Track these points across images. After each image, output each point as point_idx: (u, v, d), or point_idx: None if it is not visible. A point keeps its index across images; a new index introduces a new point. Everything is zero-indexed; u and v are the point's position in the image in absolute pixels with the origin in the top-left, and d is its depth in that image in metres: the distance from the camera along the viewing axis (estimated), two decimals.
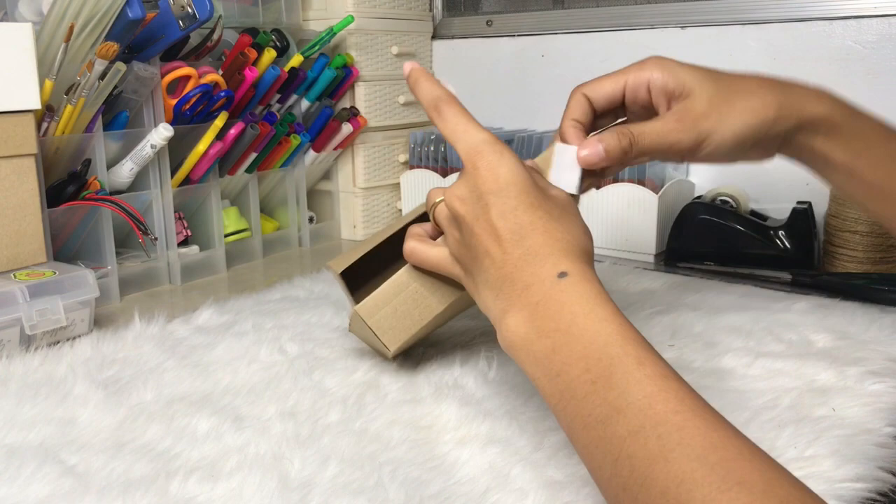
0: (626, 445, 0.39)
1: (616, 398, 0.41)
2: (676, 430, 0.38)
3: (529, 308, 0.47)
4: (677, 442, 0.38)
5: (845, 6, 0.96)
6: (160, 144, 0.86)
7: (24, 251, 0.75)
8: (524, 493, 0.45)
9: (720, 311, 0.74)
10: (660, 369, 0.41)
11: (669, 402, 0.39)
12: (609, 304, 0.45)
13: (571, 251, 0.48)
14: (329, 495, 0.45)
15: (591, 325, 0.44)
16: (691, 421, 0.38)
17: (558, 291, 0.46)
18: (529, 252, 0.48)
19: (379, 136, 1.18)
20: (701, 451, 0.37)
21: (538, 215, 0.49)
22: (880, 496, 0.46)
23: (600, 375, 0.42)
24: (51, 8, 0.79)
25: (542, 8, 1.21)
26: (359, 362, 0.65)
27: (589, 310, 0.45)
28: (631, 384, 0.41)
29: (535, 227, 0.49)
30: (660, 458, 0.38)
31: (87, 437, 0.53)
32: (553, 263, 0.47)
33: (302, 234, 1.12)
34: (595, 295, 0.46)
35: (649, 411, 0.39)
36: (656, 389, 0.40)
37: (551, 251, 0.48)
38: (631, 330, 0.44)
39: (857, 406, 0.54)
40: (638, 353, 0.42)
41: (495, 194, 0.50)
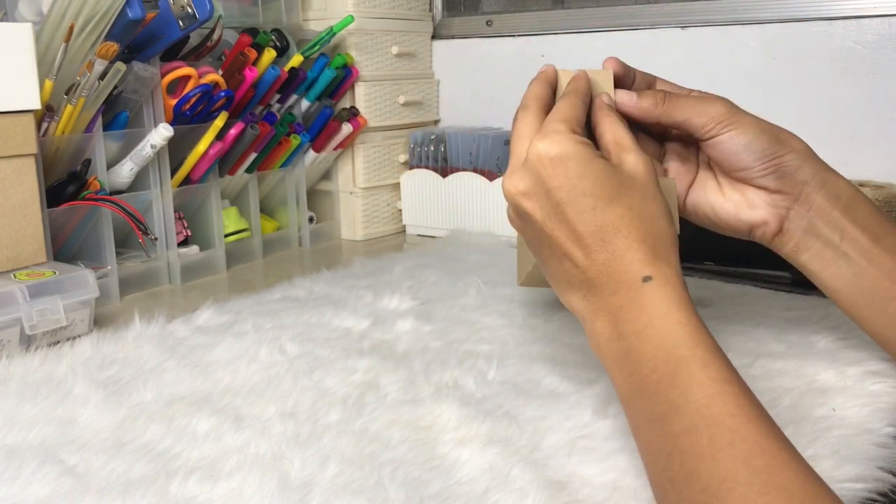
0: (680, 442, 0.40)
1: (677, 397, 0.42)
2: (728, 432, 0.39)
3: (614, 312, 0.47)
4: (727, 443, 0.39)
5: (845, 6, 0.96)
6: (160, 144, 0.86)
7: (24, 251, 0.75)
8: (524, 493, 0.45)
9: (720, 311, 0.74)
10: (724, 374, 0.42)
11: (727, 405, 0.40)
12: (687, 307, 0.46)
13: (656, 251, 0.47)
14: (329, 495, 0.45)
15: (665, 328, 0.44)
16: (745, 425, 0.39)
17: (640, 294, 0.46)
18: (614, 257, 0.47)
19: (379, 136, 1.18)
20: (748, 455, 0.38)
21: (619, 213, 0.47)
22: (880, 496, 0.46)
23: (665, 375, 0.43)
24: (51, 8, 0.79)
25: (542, 8, 1.21)
26: (359, 362, 0.65)
27: (665, 312, 0.45)
28: (693, 385, 0.41)
29: (617, 228, 0.47)
30: (708, 456, 0.39)
31: (87, 437, 0.53)
32: (638, 269, 0.47)
33: (302, 234, 1.12)
34: (675, 298, 0.46)
35: (706, 411, 0.40)
36: (716, 391, 0.41)
37: (636, 255, 0.47)
38: (704, 334, 0.44)
39: (857, 406, 0.54)
40: (705, 356, 0.43)
41: (567, 191, 0.47)
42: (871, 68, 0.95)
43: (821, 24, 0.98)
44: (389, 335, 0.71)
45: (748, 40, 1.03)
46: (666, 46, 1.09)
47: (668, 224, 0.49)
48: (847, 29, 0.96)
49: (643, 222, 0.48)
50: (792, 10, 0.99)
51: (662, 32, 1.09)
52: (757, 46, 1.02)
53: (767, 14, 1.01)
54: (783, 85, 1.01)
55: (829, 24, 0.97)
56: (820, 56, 0.98)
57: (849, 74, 0.97)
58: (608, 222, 0.47)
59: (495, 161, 1.11)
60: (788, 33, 1.00)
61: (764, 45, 1.02)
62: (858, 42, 0.96)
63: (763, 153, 0.56)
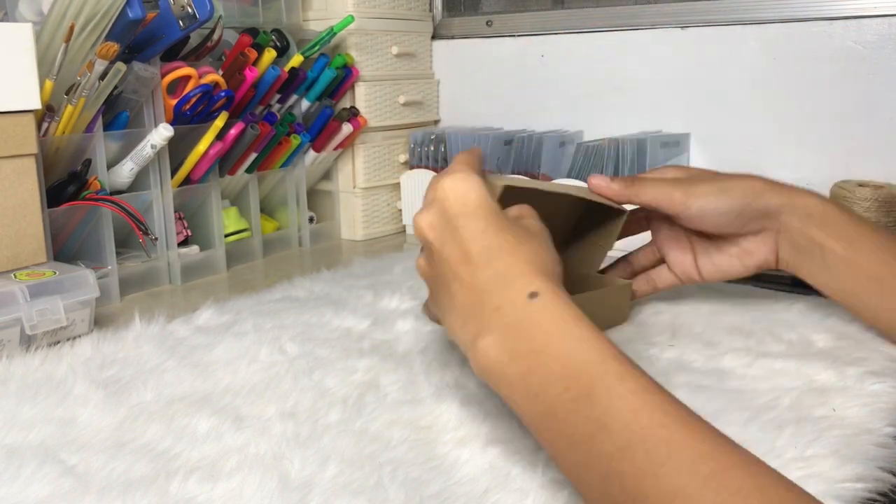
0: (615, 462, 0.39)
1: (600, 415, 0.40)
2: (664, 444, 0.38)
3: (501, 330, 0.46)
4: (666, 456, 0.37)
5: (845, 6, 0.96)
6: (160, 144, 0.86)
7: (24, 251, 0.75)
8: (524, 493, 0.45)
9: (720, 311, 0.74)
10: (642, 383, 0.41)
11: (655, 416, 0.39)
12: (584, 321, 0.45)
13: (541, 272, 0.48)
14: (329, 495, 0.45)
15: (568, 344, 0.44)
16: (678, 433, 0.38)
17: (531, 312, 0.46)
18: (499, 273, 0.48)
19: (379, 136, 1.18)
20: (691, 465, 0.37)
21: (507, 238, 0.49)
22: (880, 496, 0.46)
23: (581, 393, 0.41)
24: (51, 8, 0.79)
25: (542, 8, 1.21)
26: (358, 362, 0.65)
27: (564, 328, 0.44)
28: (614, 400, 0.40)
29: (503, 248, 0.48)
30: (649, 474, 0.37)
31: (87, 437, 0.53)
32: (523, 284, 0.47)
33: (302, 234, 1.12)
34: (569, 313, 0.45)
35: (635, 426, 0.39)
36: (640, 404, 0.40)
37: (521, 272, 0.47)
38: (610, 346, 0.43)
39: (857, 406, 0.54)
40: (618, 369, 0.42)
41: (465, 217, 0.50)
42: (871, 68, 0.95)
43: (821, 24, 0.98)
44: (389, 335, 0.71)
45: (748, 40, 1.03)
46: (666, 46, 1.09)
47: (554, 260, 0.50)
48: (847, 29, 0.96)
49: (530, 247, 0.49)
50: (792, 10, 0.99)
51: (662, 32, 1.09)
52: (757, 46, 1.02)
53: (767, 14, 1.01)
54: (783, 85, 1.01)
55: (829, 24, 0.97)
56: (820, 56, 0.98)
57: (849, 74, 0.97)
58: (496, 244, 0.49)
59: (495, 161, 1.11)
60: (788, 33, 1.00)
61: (764, 45, 1.02)
62: (858, 42, 0.96)
63: (731, 211, 0.63)
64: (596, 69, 1.16)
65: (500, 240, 0.49)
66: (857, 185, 0.90)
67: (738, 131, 1.05)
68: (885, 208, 0.87)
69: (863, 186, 0.90)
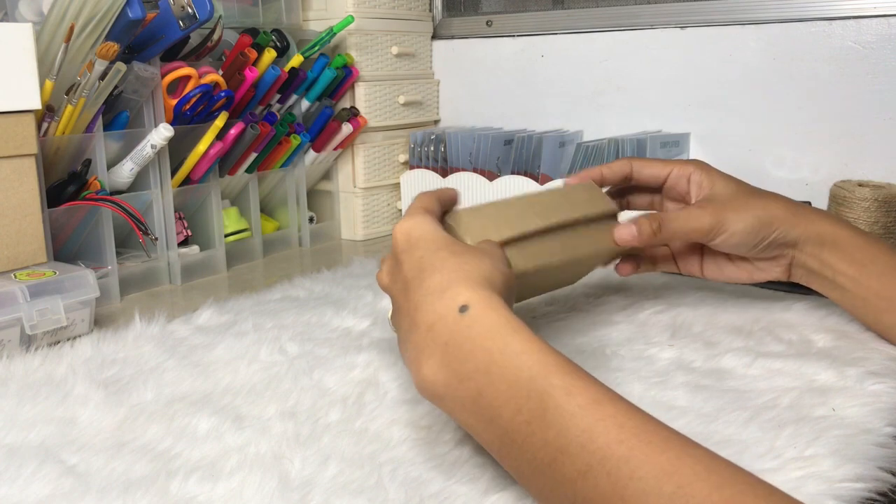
0: (579, 487, 0.38)
1: (555, 437, 0.39)
2: (624, 463, 0.37)
3: (440, 349, 0.45)
4: (628, 476, 0.37)
5: (845, 6, 0.96)
6: (160, 144, 0.86)
7: (25, 251, 0.75)
8: (524, 493, 0.45)
9: (720, 311, 0.74)
10: (591, 395, 0.40)
11: (610, 432, 0.38)
12: (521, 331, 0.44)
13: (470, 280, 0.47)
14: (329, 495, 0.45)
15: (510, 361, 0.42)
16: (637, 448, 0.37)
17: (464, 327, 0.44)
18: (428, 291, 0.47)
19: (379, 136, 1.18)
20: (654, 483, 0.36)
21: (440, 255, 0.49)
22: (880, 496, 0.46)
23: (534, 415, 0.40)
24: (51, 8, 0.79)
25: (542, 8, 1.21)
26: (358, 362, 0.65)
27: (503, 344, 0.43)
28: (566, 419, 0.39)
29: (434, 266, 0.48)
30: (615, 497, 0.37)
31: (88, 437, 0.53)
32: (451, 296, 0.46)
33: (302, 234, 1.12)
34: (504, 324, 0.44)
35: (591, 446, 0.38)
36: (592, 421, 0.39)
37: (448, 284, 0.46)
38: (552, 355, 0.42)
39: (857, 406, 0.54)
40: (564, 382, 0.41)
41: (406, 252, 0.51)
42: (870, 68, 0.95)
43: (820, 24, 0.98)
44: (389, 335, 0.71)
45: (748, 40, 1.03)
46: (666, 46, 1.10)
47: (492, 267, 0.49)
48: (847, 29, 0.96)
49: (461, 258, 0.49)
50: (792, 10, 1.00)
51: (662, 32, 1.09)
52: (757, 46, 1.02)
53: (767, 14, 1.01)
54: (783, 85, 1.01)
55: (828, 24, 0.97)
56: (820, 56, 0.98)
57: (849, 74, 0.97)
58: (427, 264, 0.49)
59: (495, 161, 1.11)
60: (788, 33, 1.00)
61: (764, 45, 1.02)
62: (858, 42, 0.96)
63: (755, 239, 0.64)
64: (596, 69, 1.16)
65: (432, 259, 0.49)
66: (857, 185, 0.90)
67: (737, 131, 1.05)
68: (884, 208, 0.87)
69: (863, 186, 0.90)
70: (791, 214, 0.64)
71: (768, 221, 0.64)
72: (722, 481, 0.36)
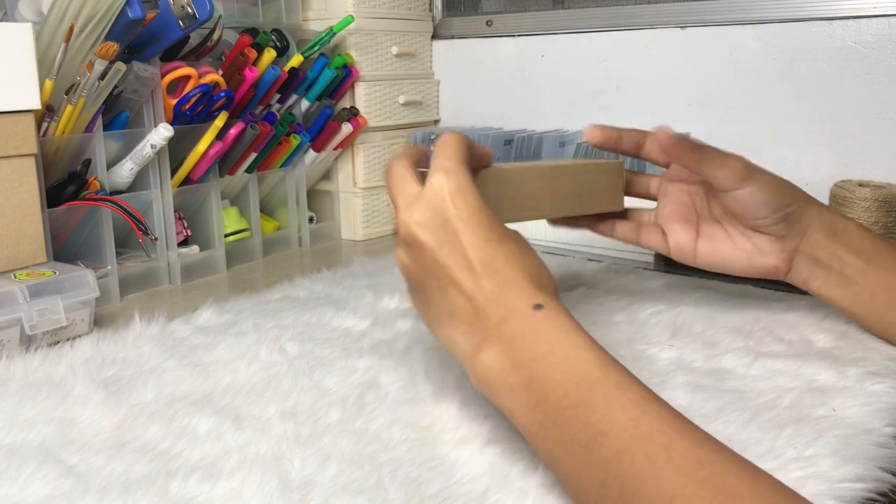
0: (614, 467, 0.40)
1: (599, 421, 0.41)
2: (664, 450, 0.39)
3: (505, 341, 0.46)
4: (666, 460, 0.38)
5: (845, 6, 0.96)
6: (160, 144, 0.86)
7: (24, 251, 0.75)
8: (524, 493, 0.45)
9: (720, 311, 0.74)
10: (641, 392, 0.42)
11: (654, 424, 0.40)
12: (584, 333, 0.46)
13: (544, 285, 0.48)
14: (329, 495, 0.45)
15: (569, 353, 0.44)
16: (678, 441, 0.39)
17: (535, 322, 0.46)
18: (505, 285, 0.48)
19: (379, 136, 1.18)
20: (689, 468, 0.38)
21: (510, 248, 0.49)
22: (880, 496, 0.46)
23: (580, 400, 0.42)
24: (51, 8, 0.79)
25: (542, 8, 1.21)
26: (359, 362, 0.65)
27: (565, 338, 0.45)
28: (614, 407, 0.41)
29: (508, 260, 0.49)
30: (650, 477, 0.38)
31: (88, 437, 0.53)
32: (528, 296, 0.47)
33: (302, 234, 1.12)
34: (571, 325, 0.46)
35: (635, 431, 0.40)
36: (640, 412, 0.41)
37: (525, 285, 0.48)
38: (609, 357, 0.44)
39: (857, 406, 0.54)
40: (618, 378, 0.43)
41: (465, 221, 0.49)
42: (870, 68, 0.95)
43: (821, 24, 0.98)
44: (389, 335, 0.71)
45: (748, 40, 1.03)
46: (666, 46, 1.09)
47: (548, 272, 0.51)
48: (847, 29, 0.96)
49: (530, 260, 0.50)
50: (792, 10, 0.99)
51: (662, 32, 1.09)
52: (757, 46, 1.02)
53: (767, 14, 1.01)
54: (783, 85, 1.01)
55: (828, 24, 0.97)
56: (820, 56, 0.98)
57: (849, 74, 0.97)
58: (499, 254, 0.49)
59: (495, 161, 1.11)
60: (788, 33, 1.00)
61: (764, 45, 1.02)
62: (858, 42, 0.96)
63: (776, 206, 0.64)
64: (596, 69, 1.16)
65: (504, 250, 0.49)
66: (857, 185, 0.90)
67: (737, 131, 1.05)
68: (885, 208, 0.86)
69: (863, 186, 0.90)
70: (809, 199, 0.65)
71: (791, 192, 0.64)
72: (752, 477, 0.38)
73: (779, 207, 0.64)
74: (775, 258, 0.66)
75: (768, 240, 0.66)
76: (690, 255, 0.69)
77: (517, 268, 0.48)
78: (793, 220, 0.64)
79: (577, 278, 0.87)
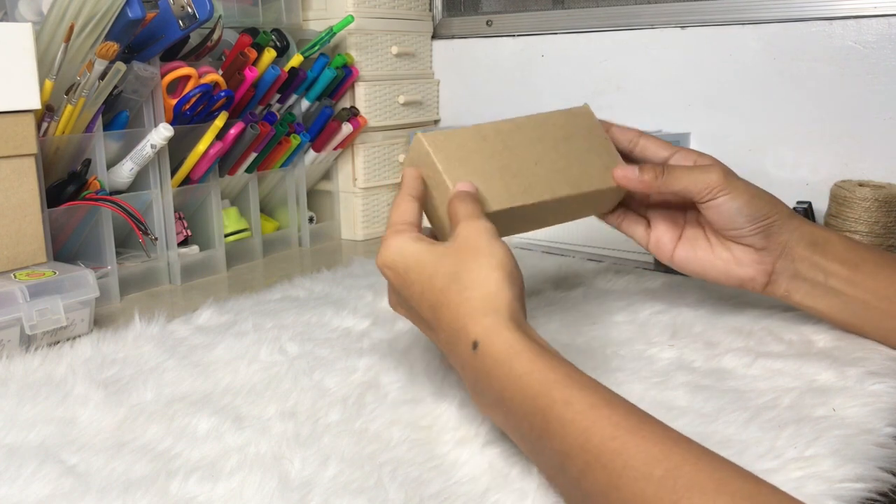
0: (582, 485, 0.41)
1: (560, 444, 0.42)
2: (617, 455, 0.39)
3: (471, 385, 0.50)
4: (622, 466, 0.39)
5: (845, 6, 0.96)
6: (160, 144, 0.86)
7: (24, 251, 0.75)
8: (524, 493, 0.45)
9: (720, 311, 0.74)
10: (589, 401, 0.43)
11: (605, 430, 0.41)
12: (524, 353, 0.46)
13: (475, 311, 0.49)
14: (329, 495, 0.45)
15: (516, 385, 0.46)
16: (630, 442, 0.40)
17: (478, 365, 0.48)
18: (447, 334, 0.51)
19: (379, 136, 1.18)
20: (645, 469, 0.38)
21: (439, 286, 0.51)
22: (880, 496, 0.46)
23: (542, 429, 0.43)
24: (51, 8, 0.79)
25: (542, 8, 1.21)
26: (359, 362, 0.65)
27: (508, 371, 0.46)
28: (566, 427, 0.42)
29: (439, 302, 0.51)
30: (611, 488, 0.39)
31: (88, 437, 0.53)
32: (464, 336, 0.49)
33: (302, 234, 1.12)
34: (506, 351, 0.47)
35: (588, 445, 0.41)
36: (588, 423, 0.41)
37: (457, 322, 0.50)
38: (553, 371, 0.45)
39: (857, 406, 0.54)
40: (563, 394, 0.43)
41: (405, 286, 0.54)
42: (871, 68, 0.95)
43: (821, 24, 0.98)
44: (389, 335, 0.71)
45: (748, 40, 1.03)
46: (666, 46, 1.09)
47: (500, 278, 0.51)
48: (847, 29, 0.96)
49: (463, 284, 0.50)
50: (792, 10, 0.99)
51: (662, 32, 1.09)
52: (757, 46, 1.02)
53: (767, 14, 1.01)
54: (783, 85, 1.01)
55: (829, 24, 0.97)
56: (820, 56, 0.98)
57: (849, 74, 0.97)
58: (433, 301, 0.51)
59: None
60: (788, 33, 1.00)
61: (764, 45, 1.02)
62: (858, 42, 0.96)
63: (754, 216, 0.63)
64: (596, 69, 1.16)
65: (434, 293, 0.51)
66: (857, 185, 0.90)
67: (737, 131, 1.05)
68: (885, 208, 0.86)
69: (863, 186, 0.90)
70: (790, 212, 0.64)
71: (770, 204, 0.63)
72: (712, 466, 0.38)
73: (755, 218, 0.63)
74: (753, 269, 0.65)
75: (747, 251, 0.65)
76: (668, 255, 0.69)
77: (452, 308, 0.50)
78: (772, 232, 0.63)
79: (577, 278, 0.87)
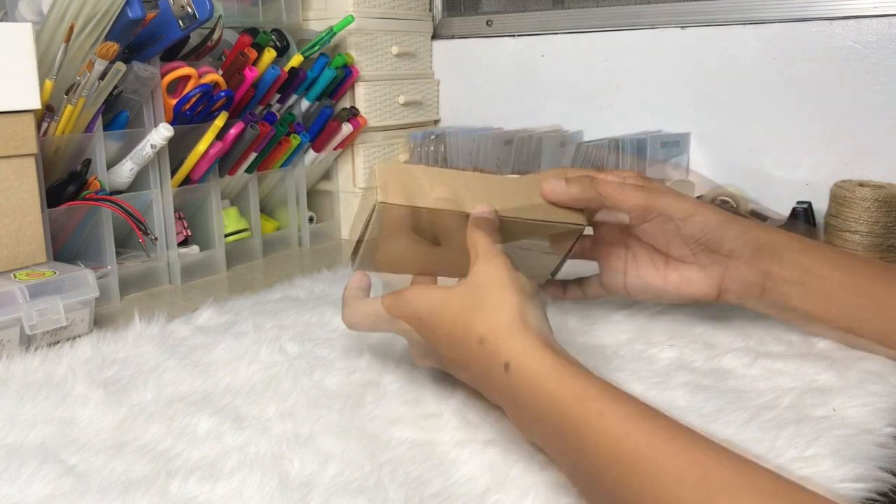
0: (618, 494, 0.41)
1: (593, 456, 0.42)
2: (651, 462, 0.40)
3: (506, 406, 0.50)
4: (655, 473, 0.39)
5: (845, 6, 0.96)
6: (160, 144, 0.86)
7: (24, 251, 0.75)
8: (524, 493, 0.45)
9: (720, 311, 0.74)
10: (622, 411, 0.43)
11: (638, 439, 0.41)
12: (555, 370, 0.46)
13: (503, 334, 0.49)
14: (329, 495, 0.45)
15: (550, 403, 0.46)
16: (663, 449, 0.40)
17: (511, 385, 0.48)
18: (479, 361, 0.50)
19: (379, 136, 1.18)
20: (679, 474, 0.38)
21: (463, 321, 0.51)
22: (880, 496, 0.46)
23: (576, 444, 0.44)
24: (51, 8, 0.79)
25: (542, 8, 1.21)
26: (359, 362, 0.65)
27: (542, 390, 0.46)
28: (600, 438, 0.42)
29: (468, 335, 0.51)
30: (648, 494, 0.39)
31: (87, 437, 0.53)
32: (497, 361, 0.49)
33: (302, 234, 1.12)
34: (537, 370, 0.47)
35: (622, 454, 0.41)
36: (622, 434, 0.42)
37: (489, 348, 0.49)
38: (583, 385, 0.45)
39: (857, 406, 0.54)
40: (596, 406, 0.44)
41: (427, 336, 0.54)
42: (871, 68, 0.95)
43: (821, 24, 0.98)
44: (389, 335, 0.71)
45: (748, 40, 1.03)
46: (666, 46, 1.10)
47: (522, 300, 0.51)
48: (847, 29, 0.96)
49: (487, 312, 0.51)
50: (792, 10, 0.99)
51: (662, 32, 1.09)
52: (757, 46, 1.02)
53: (767, 14, 1.01)
54: (783, 85, 1.01)
55: (829, 24, 0.97)
56: (820, 56, 0.98)
57: (849, 74, 0.97)
58: (461, 335, 0.51)
59: (495, 161, 1.11)
60: (788, 33, 1.00)
61: (764, 45, 1.02)
62: (858, 42, 0.96)
63: (689, 237, 0.62)
64: (596, 69, 1.16)
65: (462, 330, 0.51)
66: (857, 185, 0.90)
67: (737, 131, 1.05)
68: (885, 208, 0.87)
69: (863, 186, 0.90)
70: (727, 219, 0.62)
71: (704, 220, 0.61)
72: (747, 471, 0.38)
73: (691, 237, 0.62)
74: (704, 285, 0.64)
75: (692, 268, 0.64)
76: (620, 288, 0.68)
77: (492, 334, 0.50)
78: (712, 247, 0.62)
79: None
